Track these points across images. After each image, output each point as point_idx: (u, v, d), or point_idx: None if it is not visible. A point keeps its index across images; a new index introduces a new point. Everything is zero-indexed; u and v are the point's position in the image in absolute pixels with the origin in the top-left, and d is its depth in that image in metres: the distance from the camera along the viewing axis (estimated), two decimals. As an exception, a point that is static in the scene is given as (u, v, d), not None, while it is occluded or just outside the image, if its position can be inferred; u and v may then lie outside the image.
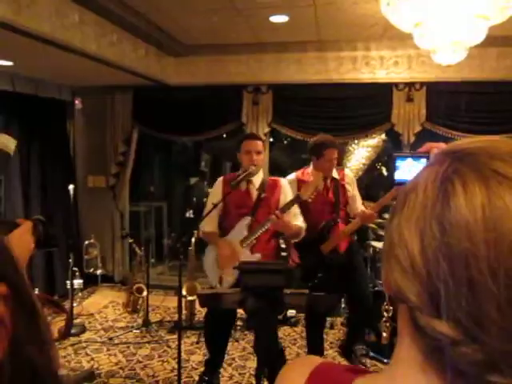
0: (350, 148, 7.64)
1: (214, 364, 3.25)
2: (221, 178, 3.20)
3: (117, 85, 5.23)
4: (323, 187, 3.37)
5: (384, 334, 3.18)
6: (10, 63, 4.04)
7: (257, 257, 2.97)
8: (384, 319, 2.86)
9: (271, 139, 5.11)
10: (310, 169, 3.49)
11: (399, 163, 0.94)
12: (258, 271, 1.89)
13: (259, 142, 3.07)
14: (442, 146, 0.82)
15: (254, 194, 3.06)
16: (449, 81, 4.52)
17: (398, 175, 0.95)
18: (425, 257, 0.45)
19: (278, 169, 5.76)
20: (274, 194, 3.08)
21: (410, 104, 4.64)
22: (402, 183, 0.96)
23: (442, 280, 0.43)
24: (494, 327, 0.42)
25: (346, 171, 3.65)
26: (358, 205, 3.56)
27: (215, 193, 3.12)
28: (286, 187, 3.14)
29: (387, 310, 2.82)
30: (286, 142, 8.09)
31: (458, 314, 0.43)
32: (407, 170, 0.94)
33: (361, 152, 7.62)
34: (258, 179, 3.09)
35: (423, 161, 0.89)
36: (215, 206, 2.86)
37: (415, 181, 0.49)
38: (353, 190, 3.56)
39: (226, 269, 2.95)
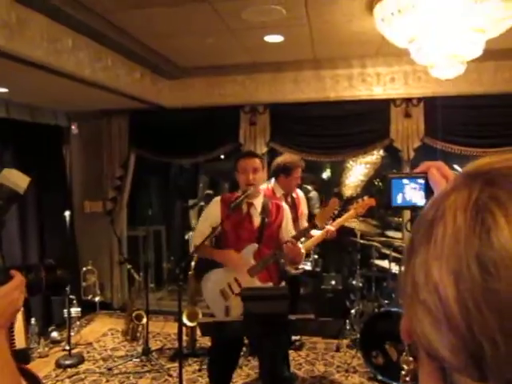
0: (348, 165, 7.60)
1: None
2: (218, 198, 2.99)
3: (112, 109, 5.20)
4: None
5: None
6: (4, 90, 4.00)
7: (269, 285, 2.82)
8: (403, 373, 2.52)
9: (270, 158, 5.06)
10: (271, 185, 3.76)
11: (395, 185, 0.85)
12: (261, 298, 1.81)
13: (256, 160, 2.88)
14: (441, 164, 0.74)
15: (257, 218, 2.87)
16: (446, 95, 4.50)
17: (397, 199, 0.86)
18: (463, 305, 0.35)
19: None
20: (277, 218, 2.91)
21: (408, 120, 4.61)
22: (400, 207, 0.87)
23: (487, 335, 0.34)
24: None
25: (298, 191, 3.98)
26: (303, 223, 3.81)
27: (213, 214, 2.91)
28: (288, 211, 3.00)
29: (407, 362, 2.45)
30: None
31: (510, 378, 0.34)
32: (405, 192, 0.85)
33: (359, 169, 7.57)
34: (259, 201, 2.91)
35: (421, 181, 0.80)
36: (214, 229, 2.74)
37: (439, 208, 0.40)
38: (304, 209, 3.95)
39: (242, 272, 2.77)
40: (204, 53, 4.35)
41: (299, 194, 3.98)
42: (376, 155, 7.03)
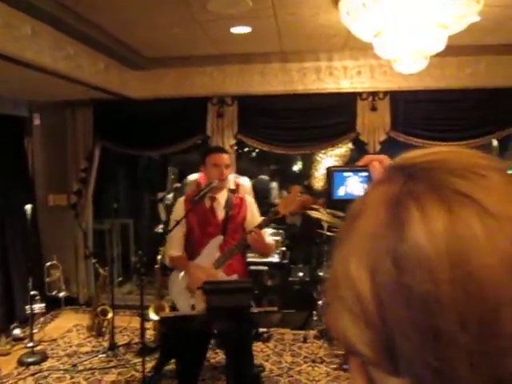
0: (318, 158, 7.67)
1: None
2: (181, 199, 3.05)
3: (77, 99, 5.06)
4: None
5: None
6: (-41, 79, 3.84)
7: (234, 278, 2.82)
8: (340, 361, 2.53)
9: (240, 150, 5.04)
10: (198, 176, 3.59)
11: (337, 178, 0.85)
12: (224, 291, 1.80)
13: (226, 156, 2.96)
14: (383, 158, 0.74)
15: (221, 212, 2.91)
16: (411, 89, 4.58)
17: (339, 192, 0.86)
18: (378, 301, 0.36)
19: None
20: (240, 211, 2.96)
21: (374, 113, 4.66)
22: (341, 200, 0.86)
23: (400, 330, 0.35)
24: None
25: (242, 180, 3.77)
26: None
27: (178, 213, 2.94)
28: (252, 204, 3.04)
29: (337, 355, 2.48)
30: (254, 153, 8.07)
31: (423, 372, 0.34)
32: (347, 185, 0.85)
33: (328, 162, 7.64)
34: (223, 196, 2.94)
35: (363, 174, 0.80)
36: (178, 222, 2.74)
37: (363, 202, 0.40)
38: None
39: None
40: (171, 43, 4.28)
41: (242, 182, 3.78)
42: (345, 148, 7.10)
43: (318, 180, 7.92)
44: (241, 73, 4.76)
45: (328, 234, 4.24)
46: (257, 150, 7.46)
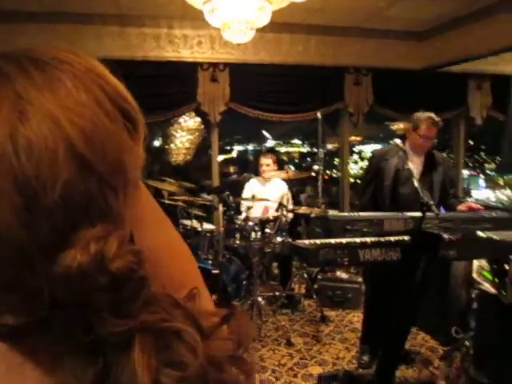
0: (173, 132, 7.57)
1: None
2: None
3: None
4: None
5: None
6: None
7: None
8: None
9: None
10: None
11: None
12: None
13: None
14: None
15: None
16: (248, 62, 4.76)
17: None
18: None
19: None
20: None
21: (214, 84, 4.74)
22: None
23: None
24: None
25: None
26: None
27: None
28: None
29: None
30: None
31: None
32: None
33: (182, 135, 7.60)
34: None
35: None
36: None
37: None
38: None
39: None
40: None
41: None
42: (195, 121, 7.13)
43: (177, 154, 7.85)
44: (74, 34, 4.42)
45: (167, 202, 4.26)
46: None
